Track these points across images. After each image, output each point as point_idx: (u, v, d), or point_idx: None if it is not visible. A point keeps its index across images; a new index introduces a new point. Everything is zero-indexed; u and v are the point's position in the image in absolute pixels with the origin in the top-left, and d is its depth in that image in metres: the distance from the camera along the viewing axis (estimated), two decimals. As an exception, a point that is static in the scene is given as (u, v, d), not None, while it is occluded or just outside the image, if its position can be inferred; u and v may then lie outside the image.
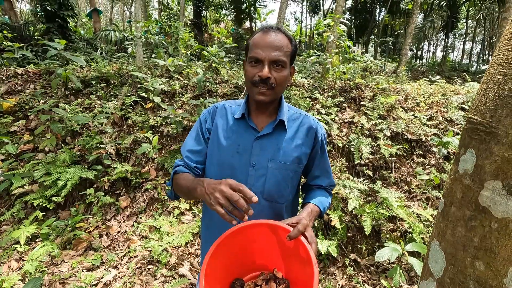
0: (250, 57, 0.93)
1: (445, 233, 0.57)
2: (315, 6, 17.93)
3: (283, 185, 1.01)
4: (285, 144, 1.01)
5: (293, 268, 0.88)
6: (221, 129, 1.04)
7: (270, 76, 0.91)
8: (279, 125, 1.02)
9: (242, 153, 0.99)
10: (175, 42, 5.57)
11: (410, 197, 3.27)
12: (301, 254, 0.82)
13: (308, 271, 0.75)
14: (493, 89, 0.50)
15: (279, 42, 0.91)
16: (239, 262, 0.90)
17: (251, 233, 0.87)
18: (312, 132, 1.06)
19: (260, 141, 1.00)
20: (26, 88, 4.07)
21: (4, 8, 8.53)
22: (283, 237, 0.85)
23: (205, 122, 1.08)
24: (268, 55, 0.90)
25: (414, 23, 8.94)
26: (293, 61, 0.99)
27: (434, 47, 24.72)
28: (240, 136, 1.01)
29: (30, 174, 2.95)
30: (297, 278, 0.86)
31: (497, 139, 0.48)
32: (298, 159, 1.02)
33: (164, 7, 15.57)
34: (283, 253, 0.89)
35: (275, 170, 0.99)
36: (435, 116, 4.22)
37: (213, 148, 1.04)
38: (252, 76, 0.93)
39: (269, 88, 0.92)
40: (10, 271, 2.34)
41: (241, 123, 1.03)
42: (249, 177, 0.99)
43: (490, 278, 0.48)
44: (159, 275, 2.38)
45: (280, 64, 0.91)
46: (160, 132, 3.68)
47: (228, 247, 0.84)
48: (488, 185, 0.48)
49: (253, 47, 0.93)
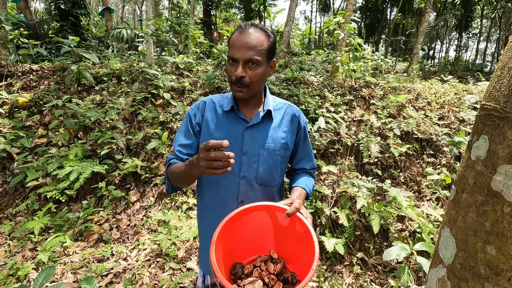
0: (228, 56, 1.00)
1: (456, 220, 0.57)
2: (325, 5, 17.79)
3: (273, 169, 1.09)
4: (272, 131, 1.09)
5: (290, 246, 0.94)
6: (212, 122, 1.10)
7: (244, 75, 0.96)
8: (266, 114, 1.10)
9: (234, 143, 1.05)
10: (185, 40, 5.62)
11: (420, 197, 3.23)
12: (298, 230, 0.89)
13: (307, 242, 0.82)
14: (508, 75, 0.50)
15: (253, 42, 0.95)
16: (238, 247, 0.94)
17: (249, 217, 0.92)
18: (296, 119, 1.15)
19: (250, 131, 1.07)
20: (40, 84, 4.18)
21: (19, 7, 8.77)
22: (280, 217, 0.93)
23: (194, 116, 1.13)
24: (242, 55, 0.94)
25: (427, 22, 8.78)
26: (272, 56, 1.03)
27: (447, 46, 24.22)
28: (231, 127, 1.07)
29: (44, 168, 3.03)
30: (296, 254, 0.92)
31: (511, 124, 0.47)
32: (285, 145, 1.10)
33: (174, 5, 15.71)
34: (280, 233, 0.96)
35: (266, 156, 1.07)
36: (447, 116, 4.14)
37: (205, 140, 1.08)
38: (230, 74, 0.99)
39: (244, 86, 0.98)
40: (24, 260, 2.41)
41: (230, 115, 1.09)
42: (243, 165, 1.05)
43: (501, 262, 0.48)
44: (167, 268, 2.42)
45: (254, 62, 0.96)
46: (169, 128, 3.72)
47: (229, 232, 0.88)
48: (501, 170, 0.48)
49: (230, 46, 0.98)
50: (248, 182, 1.07)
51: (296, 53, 11.04)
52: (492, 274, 0.49)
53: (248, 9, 12.69)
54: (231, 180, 1.07)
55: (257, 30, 0.98)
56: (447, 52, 24.00)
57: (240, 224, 0.91)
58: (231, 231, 0.89)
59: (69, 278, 2.25)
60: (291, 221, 0.91)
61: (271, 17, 14.75)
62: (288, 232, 0.93)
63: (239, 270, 0.90)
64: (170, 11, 16.43)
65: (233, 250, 0.93)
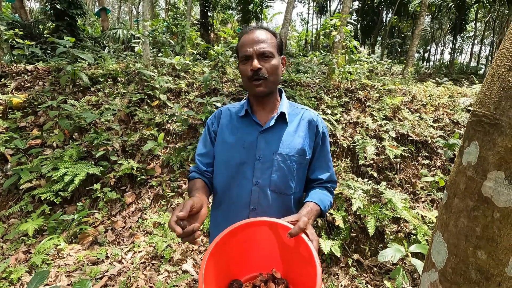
0: (241, 57, 1.01)
1: (447, 225, 0.58)
2: (322, 7, 17.90)
3: (288, 176, 1.04)
4: (288, 136, 1.05)
5: (293, 267, 0.87)
6: (226, 128, 1.09)
7: (261, 66, 0.96)
8: (280, 118, 1.06)
9: (248, 148, 1.03)
10: (181, 41, 5.61)
11: (415, 199, 3.25)
12: (302, 252, 0.81)
13: (309, 269, 0.74)
14: (498, 82, 0.51)
15: (262, 36, 0.98)
16: (238, 262, 0.89)
17: (250, 232, 0.86)
18: (314, 124, 1.10)
19: (265, 135, 1.04)
20: (35, 84, 4.14)
21: (14, 7, 8.69)
22: (283, 235, 0.84)
23: (212, 125, 1.14)
24: (255, 49, 0.96)
25: (422, 25, 8.87)
26: (281, 52, 1.05)
27: (442, 49, 24.48)
28: (245, 132, 1.06)
29: (38, 169, 3.00)
30: (296, 277, 0.85)
31: (500, 130, 0.48)
32: (301, 151, 1.05)
33: (171, 6, 15.69)
34: (283, 252, 0.89)
35: (280, 162, 1.03)
36: (442, 118, 4.18)
37: (220, 146, 1.09)
38: (246, 72, 0.99)
39: (262, 78, 0.98)
40: (18, 263, 2.38)
41: (245, 120, 1.08)
42: (256, 170, 1.03)
43: (491, 267, 0.49)
44: (162, 270, 2.40)
45: (267, 55, 0.97)
46: (165, 130, 3.71)
47: (227, 246, 0.83)
48: (491, 176, 0.49)
49: (241, 47, 1.00)
50: (261, 189, 1.03)
51: (293, 54, 11.08)
52: (483, 278, 0.50)
53: (245, 10, 12.71)
54: (244, 186, 1.04)
55: (263, 29, 1.02)
56: (442, 54, 24.26)
57: (240, 238, 0.85)
58: (230, 246, 0.84)
59: (63, 281, 2.23)
60: (295, 241, 0.83)
61: (268, 19, 14.80)
62: (292, 252, 0.85)
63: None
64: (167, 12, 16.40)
65: (232, 266, 0.88)
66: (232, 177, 1.05)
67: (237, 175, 1.05)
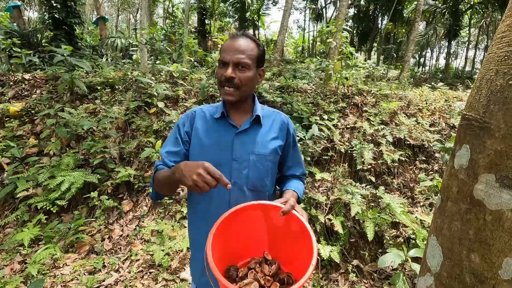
0: (218, 60, 1.05)
1: (442, 228, 0.58)
2: (318, 14, 18.11)
3: (264, 174, 1.10)
4: (262, 137, 1.11)
5: (284, 247, 0.93)
6: (202, 130, 1.11)
7: (234, 76, 1.00)
8: (255, 121, 1.12)
9: (224, 149, 1.07)
10: (179, 49, 5.65)
11: (413, 203, 3.25)
12: (294, 228, 0.88)
13: (303, 242, 0.80)
14: (486, 86, 0.52)
15: (243, 46, 1.01)
16: (232, 249, 0.93)
17: (242, 217, 0.90)
18: (284, 126, 1.17)
19: (240, 137, 1.09)
20: (32, 93, 4.14)
21: (13, 16, 8.75)
22: (274, 217, 0.91)
23: (183, 125, 1.15)
24: (232, 58, 0.99)
25: (417, 31, 8.99)
26: (261, 63, 1.09)
27: (437, 54, 24.77)
28: (221, 134, 1.09)
29: (34, 178, 2.98)
30: (289, 256, 0.91)
31: (490, 133, 0.49)
32: (275, 151, 1.12)
33: (169, 15, 15.84)
34: (275, 234, 0.95)
35: (256, 162, 1.08)
36: (438, 122, 4.21)
37: (196, 149, 1.11)
38: (220, 77, 1.03)
39: (234, 87, 1.02)
40: (13, 274, 2.35)
41: (221, 122, 1.11)
42: (233, 171, 1.06)
43: (485, 270, 0.48)
44: (160, 279, 2.38)
45: (243, 66, 1.00)
46: (163, 137, 3.71)
47: (222, 234, 0.86)
48: (482, 179, 0.49)
49: (222, 52, 1.03)
50: (239, 189, 1.07)
51: (289, 61, 11.17)
52: (477, 282, 0.50)
53: (242, 18, 12.84)
54: (223, 187, 1.06)
55: (248, 38, 1.04)
56: (437, 59, 24.55)
57: (233, 225, 0.89)
58: (224, 233, 0.87)
59: (59, 291, 2.20)
60: (286, 220, 0.89)
61: (265, 26, 14.95)
62: (283, 232, 0.92)
63: (234, 273, 0.88)
64: (165, 20, 16.55)
65: (226, 253, 0.91)
66: None
67: None
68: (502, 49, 0.50)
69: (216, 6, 14.05)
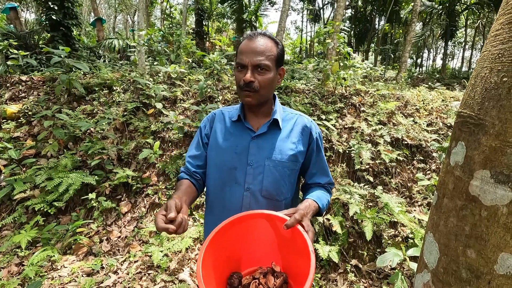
0: (236, 63, 1.00)
1: (438, 225, 0.58)
2: (316, 15, 18.18)
3: (280, 182, 1.04)
4: (280, 142, 1.05)
5: (291, 260, 0.87)
6: (220, 132, 1.09)
7: (253, 80, 0.95)
8: (273, 124, 1.06)
9: (240, 153, 1.04)
10: (177, 50, 5.65)
11: (411, 203, 3.26)
12: (298, 244, 0.82)
13: (305, 261, 0.75)
14: (481, 83, 0.52)
15: (261, 47, 0.96)
16: (237, 255, 0.90)
17: (247, 225, 0.88)
18: (307, 130, 1.09)
19: (257, 141, 1.04)
20: (29, 94, 4.13)
21: (9, 18, 8.70)
22: (280, 227, 0.85)
23: (204, 128, 1.14)
24: (251, 60, 0.95)
25: (414, 32, 9.05)
26: (280, 63, 1.03)
27: (434, 55, 24.90)
28: (238, 137, 1.06)
29: (32, 179, 2.97)
30: (295, 270, 0.86)
31: (484, 130, 0.49)
32: (294, 157, 1.05)
33: (167, 16, 15.84)
34: (281, 245, 0.89)
35: (272, 168, 1.03)
36: (435, 122, 4.23)
37: (213, 151, 1.10)
38: (239, 80, 0.98)
39: (253, 91, 0.97)
40: (10, 276, 2.33)
41: (238, 125, 1.08)
42: (247, 176, 1.03)
43: (481, 266, 0.49)
44: (159, 280, 2.37)
45: (263, 68, 0.96)
46: (161, 138, 3.71)
47: (225, 239, 0.84)
48: (477, 175, 0.50)
49: (239, 53, 0.99)
50: (252, 194, 1.03)
51: (287, 62, 11.20)
52: (473, 277, 0.50)
53: (240, 19, 12.86)
54: (236, 192, 1.04)
55: (266, 37, 0.99)
56: (434, 60, 24.68)
57: (238, 231, 0.86)
58: (228, 238, 0.85)
59: (56, 293, 2.18)
60: (292, 234, 0.84)
61: (263, 27, 14.98)
62: (290, 246, 0.86)
63: (236, 280, 0.85)
64: (162, 22, 16.54)
65: (232, 258, 0.89)
66: (224, 181, 1.06)
67: (229, 180, 1.05)
68: (496, 47, 0.51)
69: (214, 7, 14.07)
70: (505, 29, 0.50)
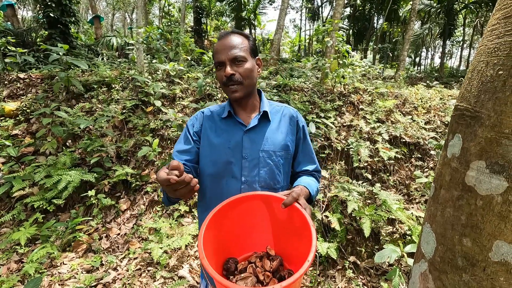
0: (215, 63, 1.04)
1: (435, 215, 0.60)
2: (314, 14, 18.17)
3: (275, 171, 1.09)
4: (271, 133, 1.09)
5: (288, 243, 0.89)
6: (210, 129, 1.11)
7: (234, 72, 1.00)
8: (263, 117, 1.11)
9: (234, 148, 1.06)
10: (176, 48, 5.65)
11: (409, 200, 3.28)
12: (296, 223, 0.83)
13: (304, 239, 0.75)
14: (477, 77, 0.54)
15: (234, 42, 1.01)
16: (233, 240, 0.90)
17: (244, 208, 0.88)
18: (294, 120, 1.16)
19: (249, 135, 1.08)
20: (28, 92, 4.12)
21: (6, 15, 8.65)
22: (277, 209, 0.87)
23: (192, 126, 1.15)
24: (227, 56, 0.99)
25: (412, 30, 9.07)
26: (255, 54, 1.08)
27: (432, 53, 24.98)
28: (230, 133, 1.08)
29: (30, 177, 2.97)
30: (291, 252, 0.87)
31: (480, 122, 0.51)
32: (285, 146, 1.10)
33: (165, 14, 15.79)
34: (276, 228, 0.91)
35: (267, 159, 1.07)
36: (433, 120, 4.26)
37: (206, 148, 1.10)
38: (221, 78, 1.02)
39: (237, 83, 1.01)
40: (10, 273, 2.34)
41: (229, 121, 1.11)
42: (244, 169, 1.05)
43: (476, 253, 0.50)
44: (158, 276, 2.38)
45: (240, 59, 1.00)
46: (160, 135, 3.71)
47: (223, 222, 0.84)
48: (473, 166, 0.51)
49: (215, 54, 1.03)
50: (250, 187, 1.05)
51: (286, 60, 11.20)
52: (469, 265, 0.52)
53: (238, 17, 12.84)
54: (233, 185, 1.05)
55: (235, 34, 1.04)
56: (432, 59, 24.76)
57: (234, 215, 0.86)
58: (225, 223, 0.84)
59: (56, 289, 2.19)
60: (289, 213, 0.85)
61: (262, 26, 14.97)
62: (287, 227, 0.87)
63: (232, 265, 0.86)
64: (161, 20, 16.49)
65: (227, 244, 0.89)
66: (221, 176, 1.06)
67: (225, 174, 1.06)
68: (492, 41, 0.52)
69: (212, 5, 14.04)
70: (501, 24, 0.51)
